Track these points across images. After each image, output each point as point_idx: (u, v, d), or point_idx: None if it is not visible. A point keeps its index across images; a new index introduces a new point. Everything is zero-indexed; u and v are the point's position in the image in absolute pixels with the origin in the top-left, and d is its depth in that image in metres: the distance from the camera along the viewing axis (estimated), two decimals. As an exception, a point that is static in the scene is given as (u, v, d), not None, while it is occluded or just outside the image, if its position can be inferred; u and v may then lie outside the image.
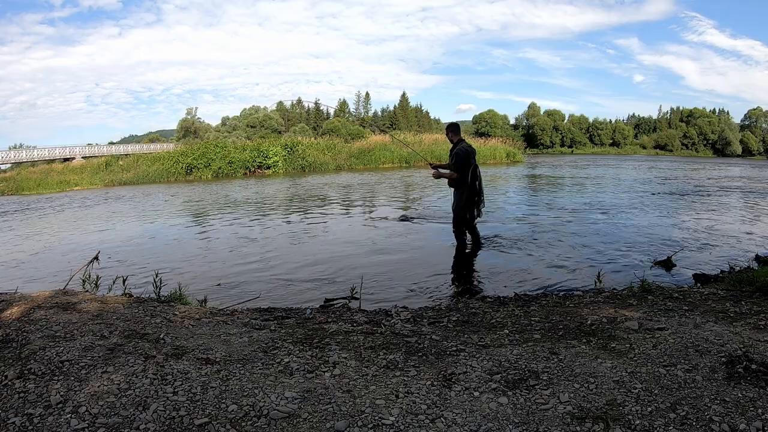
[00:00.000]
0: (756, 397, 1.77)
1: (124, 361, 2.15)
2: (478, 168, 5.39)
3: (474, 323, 2.88)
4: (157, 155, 23.79)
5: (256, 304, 3.75)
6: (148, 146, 42.27)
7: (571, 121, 66.19)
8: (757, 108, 66.32)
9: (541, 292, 3.84)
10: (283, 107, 62.11)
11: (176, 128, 57.62)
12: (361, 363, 2.23)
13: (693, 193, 12.30)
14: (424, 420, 1.72)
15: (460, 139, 5.42)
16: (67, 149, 35.23)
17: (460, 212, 5.45)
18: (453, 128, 5.49)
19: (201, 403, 1.82)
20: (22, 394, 1.83)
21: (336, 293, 4.05)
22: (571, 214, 8.51)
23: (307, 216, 8.92)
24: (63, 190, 18.75)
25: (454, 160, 5.28)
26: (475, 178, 5.32)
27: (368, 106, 66.15)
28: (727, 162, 39.77)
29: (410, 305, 3.57)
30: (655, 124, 68.35)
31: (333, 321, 3.01)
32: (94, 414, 1.72)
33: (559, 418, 1.70)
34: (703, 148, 63.29)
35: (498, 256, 5.41)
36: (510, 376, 2.04)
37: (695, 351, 2.19)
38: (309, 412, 1.77)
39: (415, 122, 62.30)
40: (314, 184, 16.25)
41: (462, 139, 5.44)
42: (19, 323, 2.55)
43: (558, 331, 2.64)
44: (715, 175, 20.46)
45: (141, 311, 2.94)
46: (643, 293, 3.42)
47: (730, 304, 3.02)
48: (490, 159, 27.46)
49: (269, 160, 22.72)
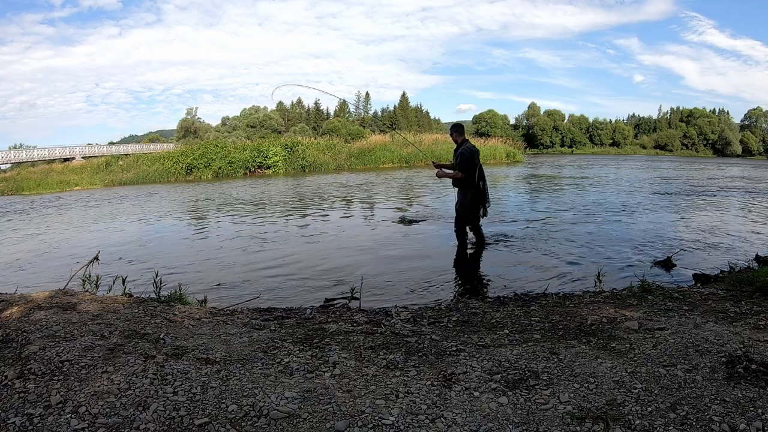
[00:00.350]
0: (756, 397, 1.77)
1: (124, 361, 2.15)
2: (482, 168, 5.38)
3: (474, 323, 2.88)
4: (157, 155, 23.79)
5: (256, 304, 3.75)
6: (148, 146, 42.28)
7: (571, 121, 66.18)
8: (757, 108, 66.40)
9: (541, 292, 3.83)
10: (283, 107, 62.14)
11: (176, 128, 57.67)
12: (361, 363, 2.23)
13: (693, 193, 12.30)
14: (424, 420, 1.72)
15: (465, 140, 5.42)
16: (67, 149, 35.24)
17: (463, 212, 5.44)
18: (457, 128, 5.48)
19: (201, 403, 1.82)
20: (22, 394, 1.83)
21: (336, 293, 4.05)
22: (571, 214, 8.51)
23: (307, 216, 8.92)
24: (63, 190, 18.75)
25: (459, 160, 5.27)
26: (480, 178, 5.32)
27: (368, 106, 66.26)
28: (727, 162, 39.76)
29: (410, 305, 3.57)
30: (655, 124, 68.35)
31: (333, 321, 3.01)
32: (94, 414, 1.72)
33: (559, 418, 1.70)
34: (703, 148, 63.28)
35: (498, 255, 5.41)
36: (510, 376, 2.04)
37: (695, 351, 2.19)
38: (309, 412, 1.77)
39: (415, 122, 62.31)
40: (314, 184, 16.25)
41: (466, 140, 5.43)
42: (19, 323, 2.55)
43: (558, 331, 2.64)
44: (714, 175, 20.47)
45: (141, 311, 2.94)
46: (643, 293, 3.42)
47: (730, 304, 3.02)
48: (490, 159, 27.43)
49: (269, 160, 22.72)
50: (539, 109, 67.12)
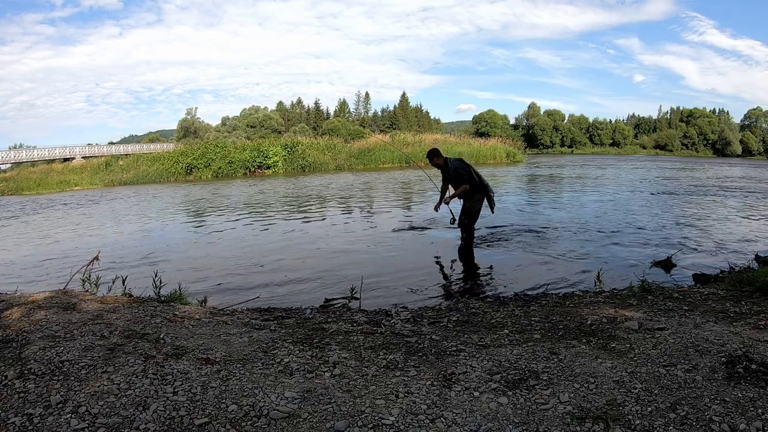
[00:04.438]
0: (756, 397, 1.77)
1: (124, 361, 2.15)
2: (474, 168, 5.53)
3: (474, 323, 2.87)
4: (157, 155, 23.80)
5: (256, 304, 3.75)
6: (148, 146, 42.27)
7: (571, 121, 66.19)
8: (757, 108, 66.41)
9: (541, 292, 3.83)
10: (283, 107, 62.13)
11: (176, 128, 57.67)
12: (361, 363, 2.23)
13: (693, 193, 12.30)
14: (424, 420, 1.72)
15: (446, 158, 5.49)
16: (67, 149, 35.25)
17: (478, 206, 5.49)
18: (434, 153, 5.51)
19: (201, 403, 1.82)
20: (22, 394, 1.83)
21: (336, 293, 4.05)
22: (571, 214, 8.51)
23: (307, 216, 8.92)
24: (63, 190, 18.76)
25: (457, 175, 5.35)
26: (477, 176, 5.43)
27: (368, 106, 66.23)
28: (727, 162, 39.76)
29: (410, 305, 3.57)
30: (655, 124, 68.34)
31: (333, 321, 3.00)
32: (94, 414, 1.72)
33: (559, 418, 1.70)
34: (703, 148, 63.28)
35: (498, 255, 5.41)
36: (510, 376, 2.04)
37: (695, 351, 2.19)
38: (309, 412, 1.77)
39: (415, 122, 62.31)
40: (314, 184, 16.25)
41: (447, 158, 5.51)
42: (19, 323, 2.55)
43: (558, 331, 2.64)
44: (714, 175, 20.46)
45: (141, 311, 2.94)
46: (643, 293, 3.42)
47: (730, 304, 3.02)
48: (490, 159, 27.45)
49: (269, 160, 22.72)
50: (539, 109, 67.21)
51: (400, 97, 68.23)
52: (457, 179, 5.35)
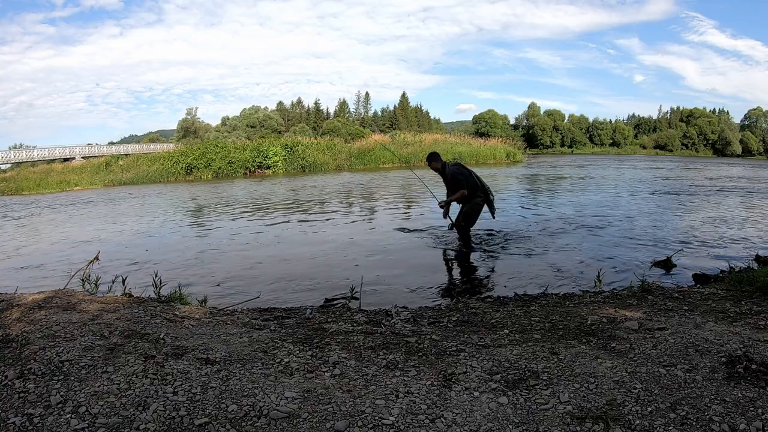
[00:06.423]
0: (756, 397, 1.77)
1: (124, 361, 2.15)
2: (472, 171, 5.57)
3: (474, 323, 2.88)
4: (157, 155, 23.79)
5: (256, 304, 3.74)
6: (148, 146, 42.27)
7: (571, 121, 66.19)
8: (757, 108, 66.50)
9: (541, 292, 3.83)
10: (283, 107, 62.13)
11: (176, 128, 57.69)
12: (361, 363, 2.23)
13: (693, 193, 12.29)
14: (424, 420, 1.72)
15: (444, 162, 5.47)
16: (67, 149, 35.25)
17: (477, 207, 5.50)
18: (433, 157, 5.49)
19: (201, 403, 1.82)
20: (22, 394, 1.83)
21: (336, 293, 4.05)
22: (571, 214, 8.51)
23: (307, 216, 8.91)
24: (63, 190, 18.75)
25: (455, 179, 5.37)
26: (480, 181, 5.49)
27: (368, 106, 66.26)
28: (727, 162, 39.75)
29: (410, 305, 3.57)
30: (655, 124, 68.36)
31: (333, 321, 3.00)
32: (94, 414, 1.72)
33: (559, 418, 1.70)
34: (703, 148, 63.30)
35: (498, 256, 5.41)
36: (510, 376, 2.04)
37: (695, 351, 2.19)
38: (309, 412, 1.77)
39: (415, 122, 62.31)
40: (314, 184, 16.24)
41: (445, 162, 5.49)
42: (19, 323, 2.55)
43: (558, 331, 2.64)
44: (714, 175, 20.46)
45: (141, 311, 2.94)
46: (643, 293, 3.42)
47: (730, 304, 3.02)
48: (490, 159, 27.43)
49: (269, 160, 22.72)
50: (539, 109, 67.18)
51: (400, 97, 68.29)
52: (455, 185, 5.37)
